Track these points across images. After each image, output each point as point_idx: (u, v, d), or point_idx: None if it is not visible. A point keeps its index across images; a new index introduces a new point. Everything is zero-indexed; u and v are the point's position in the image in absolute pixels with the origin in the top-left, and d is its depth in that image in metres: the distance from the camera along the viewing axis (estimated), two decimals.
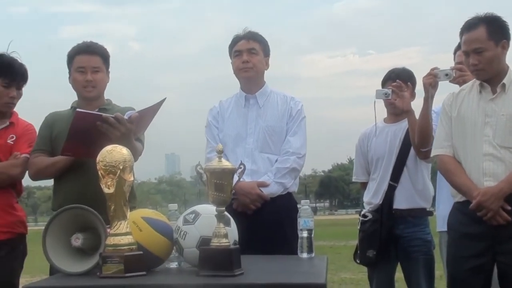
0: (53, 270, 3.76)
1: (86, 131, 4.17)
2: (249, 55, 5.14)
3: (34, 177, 4.85)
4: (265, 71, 5.31)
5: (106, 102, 4.84)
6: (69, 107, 4.86)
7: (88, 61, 4.70)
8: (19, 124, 5.10)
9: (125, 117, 4.20)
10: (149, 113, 4.39)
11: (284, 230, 4.89)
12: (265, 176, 5.01)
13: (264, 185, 4.96)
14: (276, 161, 5.07)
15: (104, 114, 4.21)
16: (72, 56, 4.75)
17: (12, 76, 4.98)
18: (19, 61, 5.08)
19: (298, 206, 4.91)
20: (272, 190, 4.99)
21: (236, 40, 5.23)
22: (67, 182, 4.64)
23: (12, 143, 4.99)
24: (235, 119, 5.22)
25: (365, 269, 6.01)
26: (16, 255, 5.02)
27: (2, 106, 5.02)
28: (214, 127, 5.25)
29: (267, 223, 4.90)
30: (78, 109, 4.27)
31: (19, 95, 5.09)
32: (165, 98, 4.39)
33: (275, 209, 4.97)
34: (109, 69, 4.86)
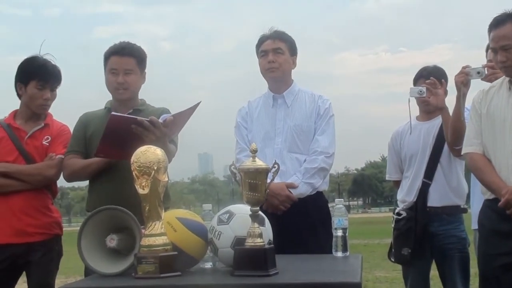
0: (88, 271, 3.78)
1: (121, 133, 4.18)
2: (274, 55, 5.10)
3: (68, 179, 4.88)
4: (293, 70, 5.27)
5: (140, 103, 4.85)
6: (103, 107, 4.88)
7: (120, 63, 4.69)
8: (54, 125, 5.13)
9: (160, 120, 4.20)
10: (183, 116, 4.40)
11: (315, 229, 4.89)
12: (294, 176, 4.97)
13: (293, 186, 4.92)
14: (305, 161, 5.04)
15: (139, 118, 4.21)
16: (107, 57, 4.75)
17: (46, 78, 5.01)
18: (53, 62, 5.11)
19: (330, 205, 4.90)
20: (301, 190, 4.95)
21: (262, 40, 5.20)
22: (101, 183, 4.66)
23: (47, 144, 5.03)
24: (263, 119, 5.19)
25: (399, 267, 5.99)
26: (52, 256, 5.05)
27: (36, 108, 5.06)
28: (243, 128, 5.24)
29: (298, 223, 4.87)
30: (113, 113, 4.27)
31: (53, 97, 5.12)
32: (199, 102, 4.39)
33: (306, 208, 4.93)
34: (145, 70, 4.86)
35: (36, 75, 4.99)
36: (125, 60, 4.71)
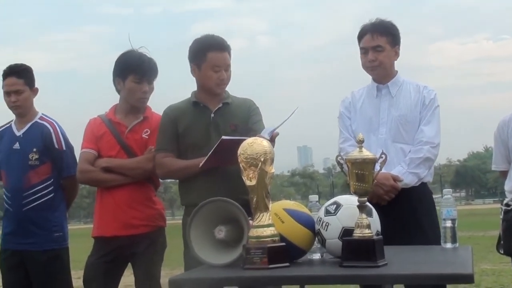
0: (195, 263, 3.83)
1: (225, 151, 4.24)
2: (374, 53, 5.01)
3: (163, 178, 4.98)
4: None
5: (226, 95, 4.89)
6: (189, 97, 4.93)
7: (223, 60, 4.74)
8: (153, 118, 5.18)
9: (266, 136, 4.20)
10: (284, 123, 4.45)
11: (420, 221, 4.84)
12: (399, 166, 4.91)
13: (398, 179, 4.85)
14: (409, 151, 4.97)
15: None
16: (204, 52, 4.75)
17: (143, 72, 5.07)
18: (148, 55, 5.17)
19: (435, 196, 4.83)
20: (406, 180, 4.88)
21: (362, 33, 5.11)
22: (198, 180, 4.67)
23: (147, 137, 5.10)
24: (367, 109, 5.13)
25: (506, 259, 5.89)
26: (156, 248, 5.13)
27: (135, 101, 5.12)
28: (346, 118, 5.18)
29: (402, 214, 4.80)
30: (223, 138, 4.30)
31: (151, 90, 5.17)
32: (297, 108, 4.48)
33: (410, 199, 4.87)
34: None
35: (133, 69, 5.05)
36: (225, 56, 4.77)
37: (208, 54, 4.73)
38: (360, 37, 5.10)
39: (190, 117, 4.77)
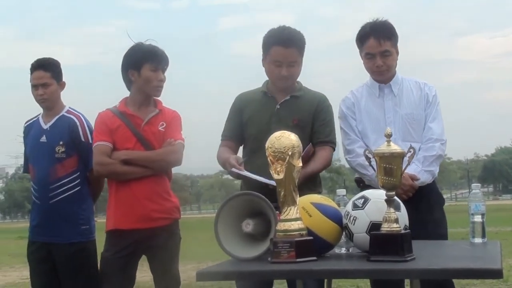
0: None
1: None
2: (382, 58, 4.96)
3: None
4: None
5: (297, 87, 4.92)
6: (260, 86, 4.99)
7: (285, 56, 4.74)
8: (165, 112, 5.21)
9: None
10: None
11: (434, 216, 4.89)
12: (413, 165, 4.79)
13: (415, 178, 4.85)
14: (419, 149, 4.96)
15: (264, 181, 4.30)
16: (269, 45, 4.79)
17: (158, 60, 5.11)
18: (158, 46, 5.20)
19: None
20: (423, 179, 4.89)
21: (364, 36, 5.02)
22: (252, 170, 4.65)
23: (163, 130, 5.11)
24: (371, 109, 5.09)
25: None
26: (174, 240, 5.18)
27: (152, 90, 5.14)
28: (351, 118, 5.12)
29: (419, 210, 4.77)
30: (232, 170, 4.46)
31: (164, 79, 5.20)
32: (310, 144, 4.65)
33: (423, 196, 4.88)
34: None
35: (149, 58, 5.07)
36: (290, 52, 4.76)
37: (272, 48, 4.78)
38: (362, 40, 5.05)
39: (256, 106, 4.86)
